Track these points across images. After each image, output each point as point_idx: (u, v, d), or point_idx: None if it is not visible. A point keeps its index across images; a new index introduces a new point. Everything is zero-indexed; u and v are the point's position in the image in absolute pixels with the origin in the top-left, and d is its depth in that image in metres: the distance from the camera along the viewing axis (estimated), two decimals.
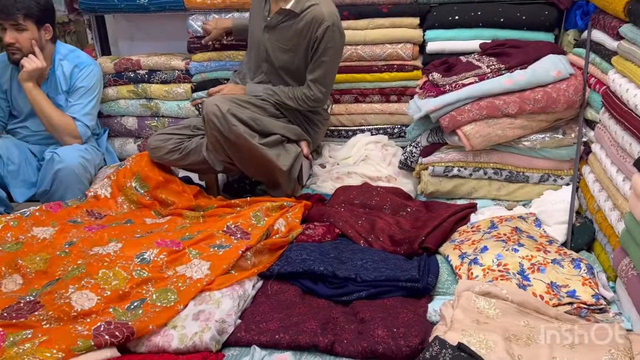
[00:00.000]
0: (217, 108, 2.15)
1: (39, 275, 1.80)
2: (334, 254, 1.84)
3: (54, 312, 1.57)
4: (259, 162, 2.26)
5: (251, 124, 2.20)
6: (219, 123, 2.15)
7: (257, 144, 2.18)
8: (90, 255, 1.82)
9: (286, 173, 2.27)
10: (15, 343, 1.46)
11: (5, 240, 1.95)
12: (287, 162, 2.26)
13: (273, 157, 2.21)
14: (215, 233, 1.93)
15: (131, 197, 2.35)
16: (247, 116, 2.19)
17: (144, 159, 2.40)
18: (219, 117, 2.15)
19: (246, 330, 1.53)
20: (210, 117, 2.17)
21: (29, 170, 2.66)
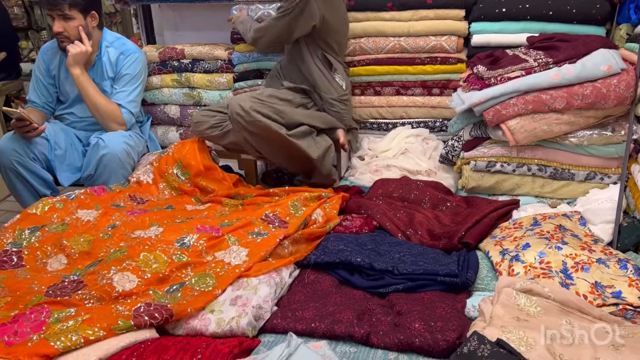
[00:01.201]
0: (240, 107, 2.21)
1: (83, 256, 1.85)
2: (371, 245, 1.83)
3: (97, 291, 1.61)
4: (290, 154, 2.30)
5: (276, 117, 2.23)
6: (244, 121, 2.20)
7: (286, 135, 2.21)
8: (132, 238, 1.86)
9: (318, 163, 2.28)
10: (59, 320, 1.50)
11: (52, 222, 2.01)
12: (317, 152, 2.27)
13: (303, 146, 2.23)
14: (254, 221, 1.94)
15: (172, 184, 2.39)
16: (270, 111, 2.23)
17: (186, 147, 2.43)
18: (243, 116, 2.20)
19: (282, 317, 1.54)
20: (234, 116, 2.23)
21: (75, 155, 2.74)
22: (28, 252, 1.87)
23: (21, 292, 1.65)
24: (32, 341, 1.42)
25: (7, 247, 1.87)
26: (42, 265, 1.83)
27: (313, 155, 2.26)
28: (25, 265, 1.82)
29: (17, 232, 1.93)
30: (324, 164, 2.31)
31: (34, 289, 1.65)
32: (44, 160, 2.63)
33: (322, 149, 2.28)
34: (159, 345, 1.43)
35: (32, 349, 1.39)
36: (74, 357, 1.38)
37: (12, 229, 1.94)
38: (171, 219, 2.03)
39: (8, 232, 1.93)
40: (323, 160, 2.29)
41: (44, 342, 1.40)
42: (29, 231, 1.94)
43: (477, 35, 2.55)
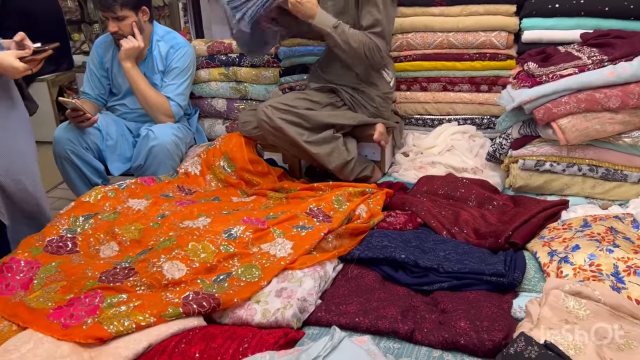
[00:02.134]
0: (264, 113, 2.25)
1: (134, 244, 1.91)
2: (415, 242, 1.82)
3: (147, 279, 1.66)
4: (312, 159, 2.33)
5: (299, 121, 2.26)
6: (269, 126, 2.24)
7: (303, 143, 2.24)
8: (180, 228, 1.91)
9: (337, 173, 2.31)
10: (112, 305, 1.56)
11: (104, 210, 2.08)
12: (334, 162, 2.28)
13: (321, 154, 2.26)
14: (299, 214, 1.96)
15: (219, 176, 2.43)
16: (294, 116, 2.25)
17: (232, 140, 2.47)
18: (267, 121, 2.24)
19: (326, 310, 1.56)
20: (261, 122, 2.27)
21: (125, 146, 2.81)
22: (82, 238, 1.94)
23: (76, 276, 1.71)
24: (87, 324, 1.48)
25: (62, 233, 1.95)
26: (95, 252, 1.90)
27: (329, 166, 2.30)
28: (79, 251, 1.89)
29: (72, 219, 2.01)
30: (344, 173, 2.33)
31: (88, 274, 1.72)
32: (96, 150, 2.72)
33: (341, 161, 2.29)
34: (207, 333, 1.47)
35: (86, 331, 1.45)
36: (125, 342, 1.43)
37: (67, 216, 2.02)
38: (218, 211, 2.07)
39: (63, 219, 2.00)
40: (342, 170, 2.31)
41: (98, 325, 1.46)
42: (83, 218, 2.02)
43: (528, 32, 2.49)
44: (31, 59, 2.00)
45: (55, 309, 1.57)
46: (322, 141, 2.25)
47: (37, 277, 1.74)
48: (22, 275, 1.75)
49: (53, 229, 1.96)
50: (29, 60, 1.99)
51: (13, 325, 1.56)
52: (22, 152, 2.11)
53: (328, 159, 2.26)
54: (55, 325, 1.50)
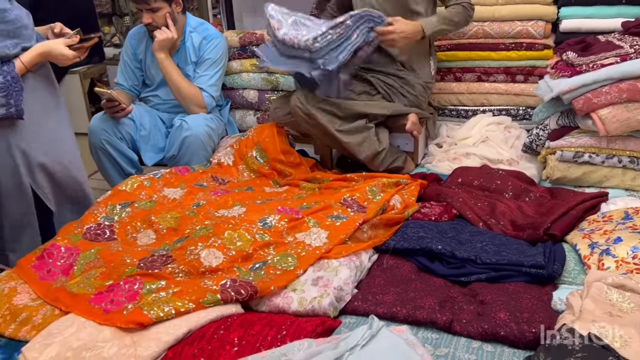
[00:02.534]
0: (298, 100, 2.25)
1: (170, 232, 1.93)
2: (451, 234, 1.81)
3: (185, 266, 1.68)
4: (343, 149, 2.33)
5: (333, 110, 2.25)
6: (302, 113, 2.24)
7: (335, 131, 2.24)
8: (216, 217, 1.92)
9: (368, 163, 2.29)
10: (151, 291, 1.58)
11: (140, 199, 2.11)
12: (365, 152, 2.26)
13: (352, 143, 2.25)
14: (333, 204, 1.96)
15: (251, 166, 2.44)
16: (327, 104, 2.24)
17: (265, 131, 2.48)
18: (301, 108, 2.23)
19: (363, 300, 1.55)
20: (294, 108, 2.27)
21: (158, 136, 2.85)
22: (119, 226, 1.97)
23: (115, 263, 1.74)
24: (127, 310, 1.50)
25: (100, 221, 1.98)
26: (132, 240, 1.93)
27: (360, 156, 2.28)
28: (116, 239, 1.92)
29: (110, 207, 2.04)
30: (375, 163, 2.31)
31: (127, 261, 1.74)
32: (129, 141, 2.76)
33: (372, 151, 2.27)
34: (245, 320, 1.48)
35: (127, 317, 1.47)
36: (165, 327, 1.45)
37: (105, 204, 2.05)
38: (252, 200, 2.08)
39: (101, 207, 2.03)
40: (373, 160, 2.30)
41: (139, 311, 1.48)
42: (120, 207, 2.04)
43: (566, 21, 2.44)
44: (79, 47, 2.04)
45: (95, 294, 1.60)
46: (354, 130, 2.24)
47: (77, 263, 1.78)
48: (62, 261, 1.79)
49: (91, 217, 1.99)
50: (76, 48, 2.03)
51: (55, 310, 1.59)
52: (68, 139, 2.18)
53: (359, 148, 2.25)
54: (96, 310, 1.52)
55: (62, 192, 2.15)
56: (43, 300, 1.64)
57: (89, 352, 1.39)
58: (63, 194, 2.15)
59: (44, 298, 1.64)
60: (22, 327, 1.56)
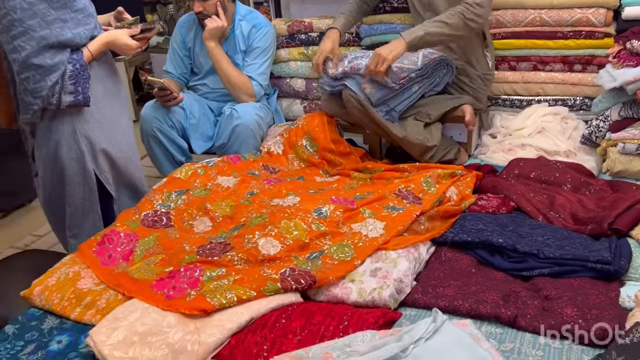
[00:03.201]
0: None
1: (226, 220, 1.95)
2: (511, 227, 1.77)
3: (244, 254, 1.69)
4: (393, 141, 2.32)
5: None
6: (355, 102, 2.22)
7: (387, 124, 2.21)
8: (271, 206, 1.93)
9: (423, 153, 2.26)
10: (212, 278, 1.60)
11: (195, 186, 2.13)
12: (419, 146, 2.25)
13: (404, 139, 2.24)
14: (387, 195, 1.94)
15: (301, 155, 2.44)
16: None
17: (315, 120, 2.47)
18: (354, 98, 2.22)
19: (423, 292, 1.54)
20: (347, 97, 2.25)
21: (207, 125, 2.87)
22: (175, 213, 2.00)
23: (174, 250, 1.77)
24: (190, 296, 1.52)
25: (157, 208, 2.01)
26: (189, 227, 1.95)
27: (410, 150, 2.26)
28: (173, 226, 1.95)
29: (165, 194, 2.07)
30: (424, 158, 2.28)
31: (186, 248, 1.76)
32: (180, 129, 2.79)
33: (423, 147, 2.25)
34: (305, 310, 1.49)
35: (190, 303, 1.49)
36: (228, 314, 1.47)
37: (161, 191, 2.08)
38: (305, 190, 2.08)
39: (157, 194, 2.06)
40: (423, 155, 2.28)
41: (202, 298, 1.50)
42: (176, 194, 2.07)
43: (629, 8, 2.34)
44: (141, 37, 2.07)
45: (157, 280, 1.62)
46: (406, 124, 2.21)
47: (136, 249, 1.81)
48: (122, 247, 1.82)
49: (148, 204, 2.02)
50: (139, 39, 2.06)
51: (119, 295, 1.63)
52: (127, 126, 2.23)
53: (410, 143, 2.22)
54: (159, 296, 1.55)
55: (121, 178, 2.19)
56: (106, 285, 1.67)
57: (154, 337, 1.42)
58: (122, 180, 2.20)
59: (106, 283, 1.68)
60: (87, 311, 1.60)
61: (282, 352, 1.36)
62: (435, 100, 2.32)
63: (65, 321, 1.61)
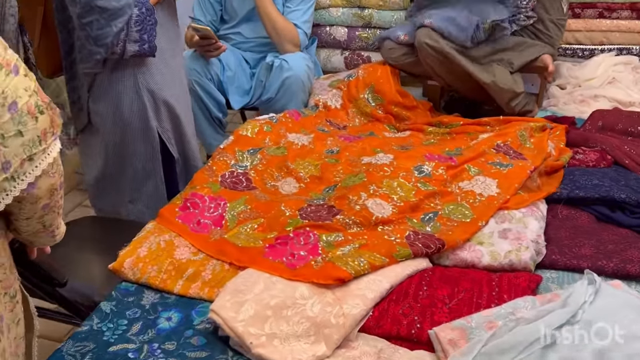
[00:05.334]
0: (428, 36, 2.12)
1: (314, 180, 1.81)
2: (623, 181, 1.71)
3: (355, 216, 1.56)
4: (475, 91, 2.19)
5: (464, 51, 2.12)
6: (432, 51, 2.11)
7: (473, 70, 2.10)
8: (364, 164, 1.80)
9: (510, 100, 2.15)
10: (330, 244, 1.48)
11: (267, 144, 1.97)
12: (507, 92, 2.12)
13: (492, 84, 2.12)
14: (487, 151, 1.84)
15: (364, 109, 2.30)
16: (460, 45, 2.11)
17: (378, 71, 2.32)
18: (432, 45, 2.10)
19: (560, 253, 1.46)
20: (422, 46, 2.12)
21: (243, 78, 2.68)
22: (254, 174, 1.84)
23: (272, 214, 1.63)
24: (317, 264, 1.40)
25: (232, 168, 1.85)
26: (273, 188, 1.81)
27: (497, 96, 2.14)
28: (256, 187, 1.79)
29: (238, 153, 1.90)
30: (511, 105, 2.17)
31: (285, 211, 1.62)
32: (217, 82, 2.60)
33: (511, 93, 2.13)
34: (444, 276, 1.39)
35: (323, 272, 1.37)
36: (365, 283, 1.35)
37: (231, 150, 1.92)
38: (389, 146, 1.96)
39: (228, 154, 1.90)
40: (509, 102, 2.16)
41: (333, 265, 1.37)
42: (249, 153, 1.91)
43: None
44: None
45: (269, 247, 1.49)
46: (492, 70, 2.09)
47: (227, 213, 1.66)
48: (211, 212, 1.67)
49: (222, 164, 1.86)
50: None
51: (224, 265, 1.49)
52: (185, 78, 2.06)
53: (498, 88, 2.09)
54: (278, 265, 1.42)
55: (181, 138, 2.00)
56: (206, 255, 1.53)
57: (289, 310, 1.30)
58: (181, 140, 2.01)
59: (206, 252, 1.53)
60: (191, 284, 1.46)
61: (435, 322, 1.26)
62: (516, 47, 2.20)
63: (167, 295, 1.46)
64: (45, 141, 0.85)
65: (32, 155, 0.83)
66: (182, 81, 1.97)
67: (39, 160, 0.85)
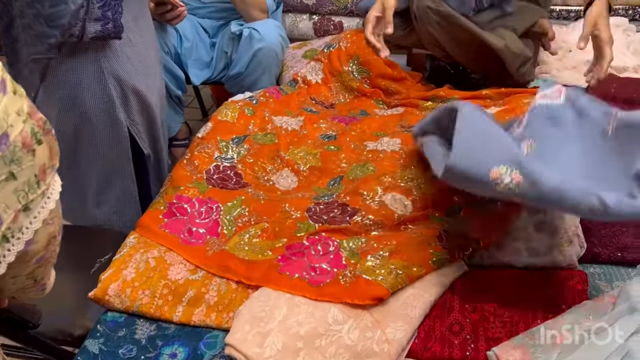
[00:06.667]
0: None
1: (314, 172, 1.60)
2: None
3: (375, 216, 1.37)
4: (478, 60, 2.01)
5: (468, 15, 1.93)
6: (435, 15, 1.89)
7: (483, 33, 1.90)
8: (370, 151, 1.61)
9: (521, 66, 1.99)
10: (354, 252, 1.29)
11: (251, 131, 1.73)
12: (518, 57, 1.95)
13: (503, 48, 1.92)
14: None
15: (349, 84, 2.08)
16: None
17: (362, 40, 2.09)
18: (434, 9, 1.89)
19: (601, 245, 1.34)
20: (423, 10, 1.91)
21: (202, 49, 2.40)
22: (243, 166, 1.61)
23: (277, 217, 1.41)
24: (346, 279, 1.21)
25: (217, 162, 1.60)
26: (269, 184, 1.58)
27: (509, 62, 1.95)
28: (248, 184, 1.56)
29: (220, 143, 1.65)
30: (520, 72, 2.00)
31: (291, 214, 1.41)
32: (174, 55, 2.31)
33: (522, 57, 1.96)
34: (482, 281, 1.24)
35: (353, 289, 1.18)
36: (405, 298, 1.18)
37: (212, 140, 1.66)
38: (389, 127, 1.77)
39: (210, 144, 1.64)
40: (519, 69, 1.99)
41: (366, 281, 1.19)
42: (233, 142, 1.67)
43: None
44: None
45: (282, 259, 1.28)
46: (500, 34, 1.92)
47: (222, 218, 1.43)
48: (202, 218, 1.43)
49: (204, 157, 1.60)
50: None
51: (231, 283, 1.28)
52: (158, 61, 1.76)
53: (508, 53, 1.91)
54: (299, 282, 1.22)
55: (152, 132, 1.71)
56: (206, 272, 1.30)
57: (323, 339, 1.11)
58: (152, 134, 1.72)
59: (206, 268, 1.31)
60: (194, 309, 1.24)
61: (490, 339, 1.12)
62: (518, 12, 2.03)
63: (166, 325, 1.24)
64: (45, 180, 0.61)
65: (28, 203, 0.59)
66: (154, 63, 1.67)
67: (38, 208, 0.61)
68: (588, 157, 1.14)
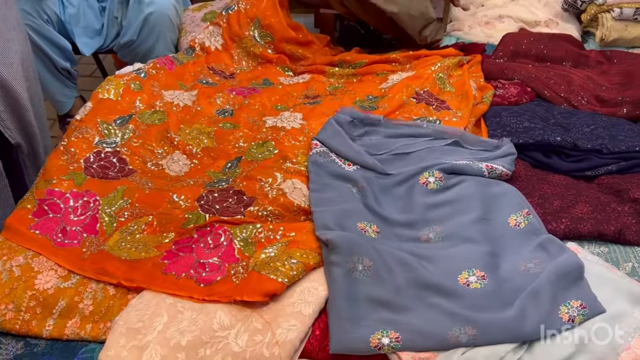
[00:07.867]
0: None
1: (208, 154, 1.46)
2: (553, 120, 1.56)
3: (272, 206, 1.25)
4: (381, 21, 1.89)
5: None
6: None
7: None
8: (269, 129, 1.47)
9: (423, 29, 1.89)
10: (249, 243, 1.17)
11: (138, 109, 1.56)
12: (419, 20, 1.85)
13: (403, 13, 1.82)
14: (406, 101, 1.58)
15: (251, 50, 1.92)
16: None
17: (262, 1, 1.93)
18: None
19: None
20: None
21: (91, 14, 2.16)
22: (128, 150, 1.44)
23: (163, 208, 1.27)
24: (240, 276, 1.10)
25: (98, 147, 1.43)
26: (158, 169, 1.43)
27: (408, 26, 1.85)
28: (134, 171, 1.41)
29: (102, 126, 1.48)
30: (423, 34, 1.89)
31: (180, 204, 1.28)
32: (57, 23, 2.07)
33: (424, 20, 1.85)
34: None
35: (245, 286, 1.07)
36: (299, 294, 1.08)
37: (91, 121, 1.48)
38: (291, 99, 1.64)
39: (90, 127, 1.46)
40: (421, 32, 1.88)
41: (259, 275, 1.08)
42: (117, 124, 1.49)
43: None
44: None
45: (167, 256, 1.15)
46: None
47: (101, 214, 1.27)
48: (78, 215, 1.27)
49: (82, 143, 1.43)
50: None
51: (109, 288, 1.14)
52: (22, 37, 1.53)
53: (409, 16, 1.80)
54: (186, 282, 1.10)
55: (21, 118, 1.50)
56: (81, 277, 1.16)
57: (208, 347, 1.00)
58: (22, 121, 1.51)
59: (81, 273, 1.16)
60: (67, 321, 1.11)
61: None
62: None
63: (35, 342, 1.10)
64: None
65: None
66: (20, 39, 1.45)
67: None
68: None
